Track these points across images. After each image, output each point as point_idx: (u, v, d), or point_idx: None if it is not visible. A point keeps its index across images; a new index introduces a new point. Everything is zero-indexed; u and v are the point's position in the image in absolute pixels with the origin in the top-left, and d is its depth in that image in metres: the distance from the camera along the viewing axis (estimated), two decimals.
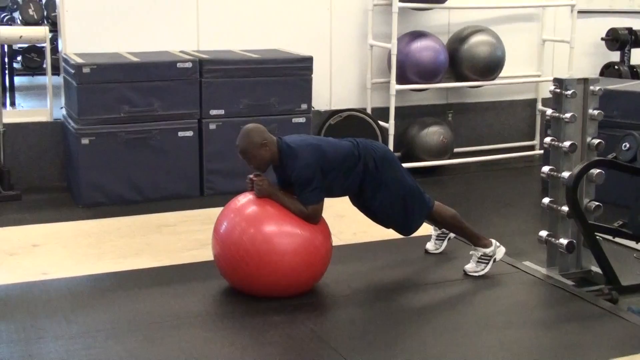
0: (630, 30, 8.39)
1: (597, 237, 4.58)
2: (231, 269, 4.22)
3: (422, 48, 7.17)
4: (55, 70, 7.15)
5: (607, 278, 4.57)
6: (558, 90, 4.68)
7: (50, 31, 7.24)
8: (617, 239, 5.01)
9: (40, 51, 8.63)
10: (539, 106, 8.21)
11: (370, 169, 4.35)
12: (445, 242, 4.97)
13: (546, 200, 4.77)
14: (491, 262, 4.63)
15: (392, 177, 4.42)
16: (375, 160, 4.37)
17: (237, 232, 4.14)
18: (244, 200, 4.26)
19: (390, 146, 7.03)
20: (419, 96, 7.70)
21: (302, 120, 6.56)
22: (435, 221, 4.75)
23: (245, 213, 4.21)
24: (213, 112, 6.34)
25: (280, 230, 4.15)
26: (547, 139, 4.74)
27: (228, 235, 4.18)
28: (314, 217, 4.21)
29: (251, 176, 4.24)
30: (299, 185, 4.17)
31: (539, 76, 8.12)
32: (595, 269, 4.75)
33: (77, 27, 6.52)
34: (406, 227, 4.58)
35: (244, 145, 4.19)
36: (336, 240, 5.17)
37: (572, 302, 4.34)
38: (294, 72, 6.55)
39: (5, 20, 9.79)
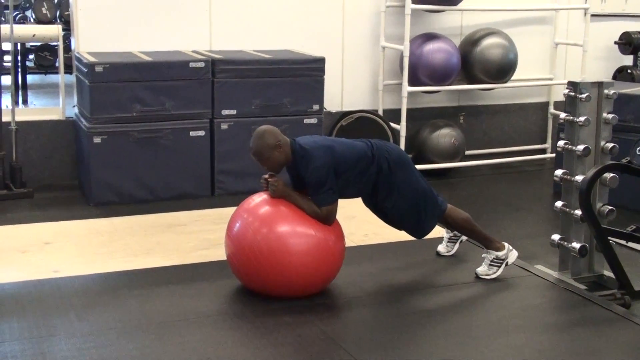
0: None
1: (610, 241, 4.56)
2: (244, 269, 4.21)
3: (434, 50, 7.16)
4: (68, 69, 7.18)
5: (620, 282, 4.54)
6: (572, 94, 4.66)
7: (63, 30, 7.26)
8: (630, 244, 4.99)
9: (53, 50, 8.65)
10: (551, 109, 8.20)
11: (384, 171, 4.34)
12: (457, 245, 4.96)
13: (559, 203, 4.76)
14: (503, 266, 4.61)
15: (405, 179, 4.41)
16: (389, 161, 4.36)
17: (250, 232, 4.13)
18: (258, 200, 4.25)
19: (402, 148, 7.02)
20: (431, 98, 7.69)
21: (313, 121, 6.56)
22: (448, 224, 4.73)
23: (258, 213, 4.20)
24: (225, 112, 6.34)
25: (293, 231, 4.14)
26: (561, 143, 4.72)
27: (241, 235, 4.17)
28: (328, 218, 4.20)
29: (266, 176, 4.23)
30: (313, 187, 4.16)
31: (551, 79, 8.10)
32: (608, 273, 4.73)
33: (90, 25, 6.53)
34: (418, 229, 4.57)
35: (257, 147, 4.18)
36: (347, 242, 5.15)
37: (584, 306, 4.33)
38: (306, 73, 6.55)
39: (18, 18, 9.81)
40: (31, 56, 9.16)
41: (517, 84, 7.80)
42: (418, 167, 6.94)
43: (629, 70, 8.39)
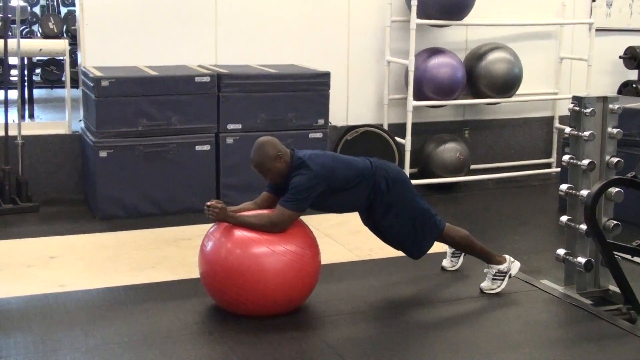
0: None
1: (616, 256, 4.55)
2: (218, 289, 4.15)
3: (439, 65, 7.18)
4: (74, 83, 7.22)
5: (626, 297, 4.53)
6: (577, 108, 4.66)
7: (70, 44, 7.31)
8: (636, 258, 4.98)
9: (59, 64, 8.70)
10: (556, 124, 8.20)
11: (381, 189, 4.33)
12: (461, 259, 4.95)
13: (564, 218, 4.75)
14: (507, 278, 4.60)
15: (402, 198, 4.39)
16: (387, 180, 4.34)
17: (223, 253, 4.06)
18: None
19: (407, 162, 7.04)
20: (436, 113, 7.70)
21: (319, 135, 6.58)
22: (446, 242, 4.71)
23: (230, 234, 4.11)
24: (230, 126, 6.36)
25: (267, 250, 4.03)
26: (566, 157, 4.72)
27: (214, 256, 4.10)
28: (279, 225, 4.07)
29: (208, 203, 4.16)
30: (292, 188, 4.11)
31: (556, 94, 8.11)
32: (614, 288, 4.72)
33: (97, 40, 6.57)
34: (415, 249, 4.54)
35: (258, 159, 4.18)
36: (352, 256, 5.18)
37: (590, 321, 4.31)
38: (312, 88, 6.57)
39: (25, 33, 9.87)
40: (38, 70, 9.22)
41: (522, 98, 7.81)
42: (423, 181, 7.00)
43: (634, 85, 8.39)
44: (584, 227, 4.59)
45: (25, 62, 8.27)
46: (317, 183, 4.14)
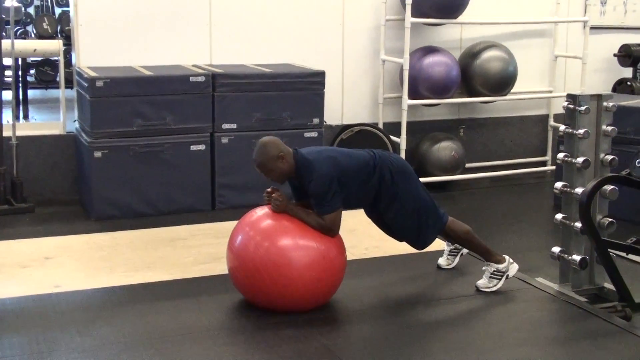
0: None
1: (611, 253, 4.56)
2: (246, 283, 4.21)
3: (434, 63, 7.18)
4: (69, 84, 7.20)
5: (621, 295, 4.54)
6: (571, 106, 4.67)
7: (64, 45, 7.29)
8: (631, 256, 4.99)
9: (53, 64, 8.68)
10: (551, 122, 8.21)
11: (385, 181, 4.35)
12: (457, 258, 4.96)
13: (559, 216, 4.76)
14: (504, 279, 4.61)
15: (407, 189, 4.41)
16: (392, 171, 4.36)
17: (252, 246, 4.13)
18: (259, 213, 4.26)
19: None
20: (431, 111, 7.71)
21: (314, 134, 6.57)
22: (448, 236, 4.73)
23: (260, 227, 4.20)
24: (225, 126, 6.36)
25: (294, 244, 4.13)
26: (560, 155, 4.73)
27: (243, 249, 4.17)
28: (332, 229, 4.19)
29: (269, 190, 4.24)
30: (316, 197, 4.17)
31: (551, 92, 8.12)
32: (609, 285, 4.73)
33: (91, 40, 6.56)
34: (419, 241, 4.57)
35: (261, 158, 4.19)
36: (348, 255, 5.16)
37: (585, 319, 4.32)
38: (307, 87, 6.57)
39: (19, 33, 9.85)
40: (32, 71, 9.20)
41: (517, 96, 7.82)
42: None
43: (628, 83, 8.40)
44: (578, 224, 4.60)
45: (20, 62, 8.25)
46: (331, 179, 4.17)
